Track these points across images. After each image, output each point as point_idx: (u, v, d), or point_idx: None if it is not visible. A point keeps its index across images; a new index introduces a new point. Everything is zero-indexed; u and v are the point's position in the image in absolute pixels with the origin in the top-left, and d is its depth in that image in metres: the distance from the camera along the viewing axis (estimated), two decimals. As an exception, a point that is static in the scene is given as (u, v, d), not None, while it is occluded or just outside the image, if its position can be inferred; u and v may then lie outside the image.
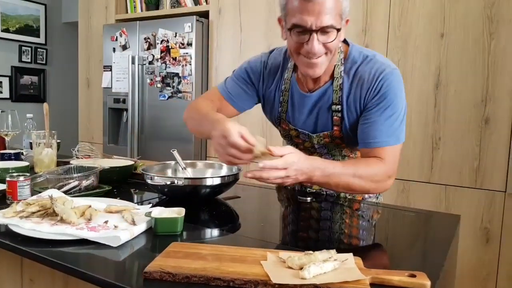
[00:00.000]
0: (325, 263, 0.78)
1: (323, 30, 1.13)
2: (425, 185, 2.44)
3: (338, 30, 1.15)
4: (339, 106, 1.30)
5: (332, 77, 1.30)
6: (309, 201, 1.42)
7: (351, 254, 0.85)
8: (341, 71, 1.29)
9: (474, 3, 2.27)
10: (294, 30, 1.16)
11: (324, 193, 1.48)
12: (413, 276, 0.77)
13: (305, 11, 1.11)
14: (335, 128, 1.34)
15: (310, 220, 1.27)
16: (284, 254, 0.84)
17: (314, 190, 1.51)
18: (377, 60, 1.28)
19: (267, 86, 1.42)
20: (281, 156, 1.08)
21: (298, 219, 1.31)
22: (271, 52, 1.45)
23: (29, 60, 4.62)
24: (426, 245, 1.07)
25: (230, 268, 0.78)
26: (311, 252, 0.81)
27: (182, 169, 1.53)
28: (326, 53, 1.19)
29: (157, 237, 1.01)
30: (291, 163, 1.09)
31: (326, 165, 1.17)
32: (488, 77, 2.26)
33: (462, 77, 2.32)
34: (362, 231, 1.19)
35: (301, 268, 0.77)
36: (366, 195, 1.48)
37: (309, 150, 1.44)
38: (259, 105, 1.54)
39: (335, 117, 1.32)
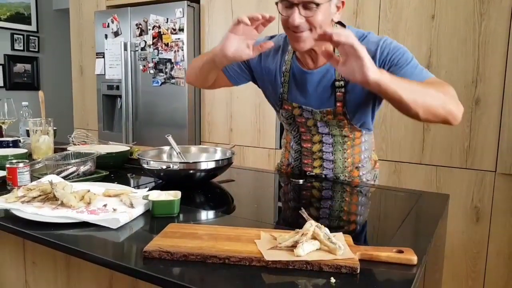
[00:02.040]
0: (316, 241, 0.82)
1: (305, 6, 1.19)
2: (416, 166, 2.49)
3: (318, 5, 1.19)
4: (342, 82, 1.35)
5: None
6: (301, 183, 1.46)
7: (340, 233, 0.88)
8: None
9: (465, -16, 2.28)
10: (281, 4, 1.23)
11: (323, 176, 1.52)
12: (401, 252, 0.81)
13: None
14: (338, 104, 1.38)
15: (303, 200, 1.31)
16: (277, 233, 0.88)
17: (315, 174, 1.54)
18: (372, 36, 1.33)
19: (267, 65, 1.47)
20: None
21: (290, 200, 1.35)
22: (272, 37, 1.51)
23: (22, 48, 4.59)
24: (415, 223, 1.11)
25: (226, 247, 0.82)
26: (299, 230, 0.85)
27: (177, 154, 1.56)
28: (310, 29, 1.22)
29: (155, 219, 1.05)
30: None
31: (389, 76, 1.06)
32: (479, 58, 2.29)
33: (453, 58, 2.35)
34: (354, 210, 1.23)
35: (293, 246, 0.81)
36: (364, 178, 1.54)
37: (311, 129, 1.48)
38: (252, 89, 1.56)
39: (338, 93, 1.37)
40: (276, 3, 1.25)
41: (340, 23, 1.37)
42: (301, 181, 1.47)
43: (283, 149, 1.68)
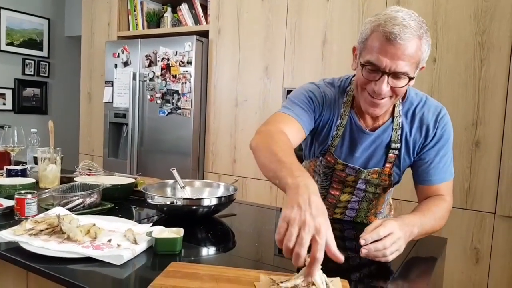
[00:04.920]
0: (314, 287, 0.84)
1: (396, 75, 1.13)
2: (417, 204, 2.50)
3: (410, 78, 1.14)
4: (398, 144, 1.33)
5: (392, 115, 1.33)
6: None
7: (337, 278, 0.91)
8: (399, 110, 1.32)
9: (466, 30, 2.36)
10: (367, 66, 1.15)
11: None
12: (396, 298, 0.83)
13: (383, 52, 1.10)
14: (387, 165, 1.36)
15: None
16: (276, 276, 0.91)
17: (332, 218, 1.52)
18: (431, 102, 1.33)
19: (323, 117, 1.37)
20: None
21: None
22: (323, 81, 1.41)
23: (32, 73, 4.69)
24: (412, 268, 1.13)
25: (226, 289, 0.85)
26: (296, 274, 0.87)
27: (181, 188, 1.59)
28: (391, 96, 1.19)
29: (157, 255, 1.07)
30: (393, 228, 1.05)
31: (414, 220, 1.15)
32: (479, 102, 2.34)
33: (454, 100, 2.40)
34: (352, 253, 1.25)
35: (292, 289, 0.83)
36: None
37: (346, 183, 1.45)
38: (256, 121, 1.55)
39: (390, 155, 1.35)
40: (362, 65, 1.17)
41: None
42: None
43: None
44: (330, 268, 1.08)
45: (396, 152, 1.34)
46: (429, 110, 1.31)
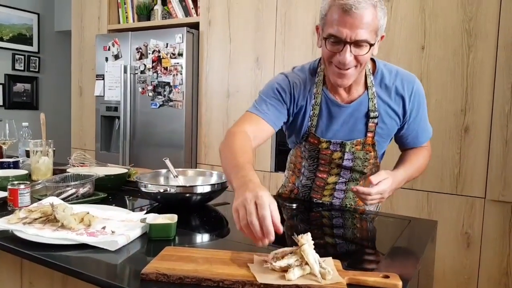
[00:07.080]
0: (307, 266, 0.86)
1: (357, 43, 1.17)
2: (408, 191, 2.53)
3: (371, 45, 1.19)
4: (376, 113, 1.37)
5: (365, 87, 1.37)
6: (294, 207, 1.50)
7: (330, 258, 0.93)
8: (372, 81, 1.36)
9: (453, 17, 2.38)
10: (330, 39, 1.21)
11: (329, 203, 1.55)
12: (387, 277, 0.85)
13: (342, 23, 1.16)
14: (368, 135, 1.40)
15: (295, 225, 1.35)
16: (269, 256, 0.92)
17: (321, 201, 1.56)
18: (403, 72, 1.40)
19: (297, 103, 1.41)
20: (377, 184, 1.24)
21: (282, 225, 1.38)
22: (292, 70, 1.46)
23: (22, 68, 4.65)
24: (403, 249, 1.15)
25: (220, 270, 0.86)
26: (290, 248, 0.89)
27: (174, 177, 1.60)
28: (356, 66, 1.23)
29: (152, 241, 1.08)
30: (383, 191, 1.26)
31: (403, 174, 1.38)
32: (467, 88, 2.36)
33: (443, 87, 2.42)
34: (344, 235, 1.27)
35: (284, 270, 0.85)
36: (366, 208, 1.57)
37: (333, 163, 1.47)
38: None
39: (370, 124, 1.38)
40: (325, 38, 1.22)
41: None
42: (294, 205, 1.51)
43: (289, 173, 1.67)
44: (324, 249, 1.10)
45: (376, 120, 1.38)
46: (402, 81, 1.37)
